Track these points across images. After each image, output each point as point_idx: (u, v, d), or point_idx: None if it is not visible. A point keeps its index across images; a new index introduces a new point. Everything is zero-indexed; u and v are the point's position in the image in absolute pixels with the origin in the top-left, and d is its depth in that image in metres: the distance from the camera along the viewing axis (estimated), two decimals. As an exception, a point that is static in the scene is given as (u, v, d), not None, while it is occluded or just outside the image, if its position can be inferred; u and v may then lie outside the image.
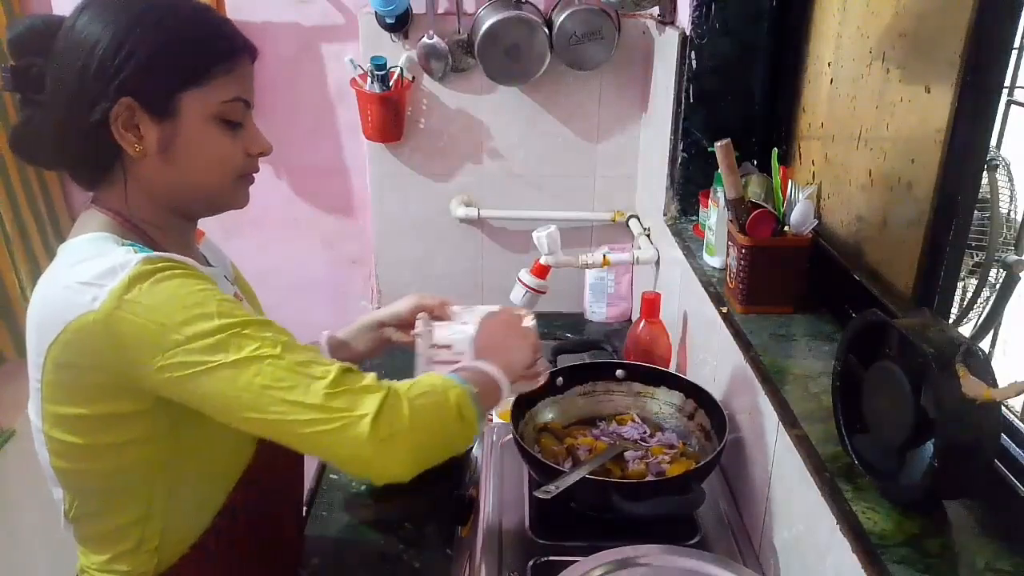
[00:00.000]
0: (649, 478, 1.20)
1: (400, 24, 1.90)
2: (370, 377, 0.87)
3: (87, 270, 0.86)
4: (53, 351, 0.87)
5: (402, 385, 0.89)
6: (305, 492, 1.32)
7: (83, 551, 1.03)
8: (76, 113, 0.88)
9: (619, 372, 1.39)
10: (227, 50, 0.94)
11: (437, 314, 1.23)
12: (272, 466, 1.06)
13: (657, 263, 1.87)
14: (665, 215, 1.77)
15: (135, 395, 0.88)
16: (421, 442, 0.86)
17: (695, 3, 1.57)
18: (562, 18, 1.84)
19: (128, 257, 0.85)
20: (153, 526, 0.98)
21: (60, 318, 0.85)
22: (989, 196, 1.11)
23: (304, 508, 1.34)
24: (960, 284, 1.07)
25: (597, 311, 2.16)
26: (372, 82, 1.90)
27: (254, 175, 1.01)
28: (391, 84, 1.91)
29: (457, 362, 1.08)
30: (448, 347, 1.16)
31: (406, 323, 1.24)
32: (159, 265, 0.85)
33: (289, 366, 0.83)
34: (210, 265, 1.08)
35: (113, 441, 0.92)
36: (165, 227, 0.98)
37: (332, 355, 1.22)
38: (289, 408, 0.82)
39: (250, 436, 0.98)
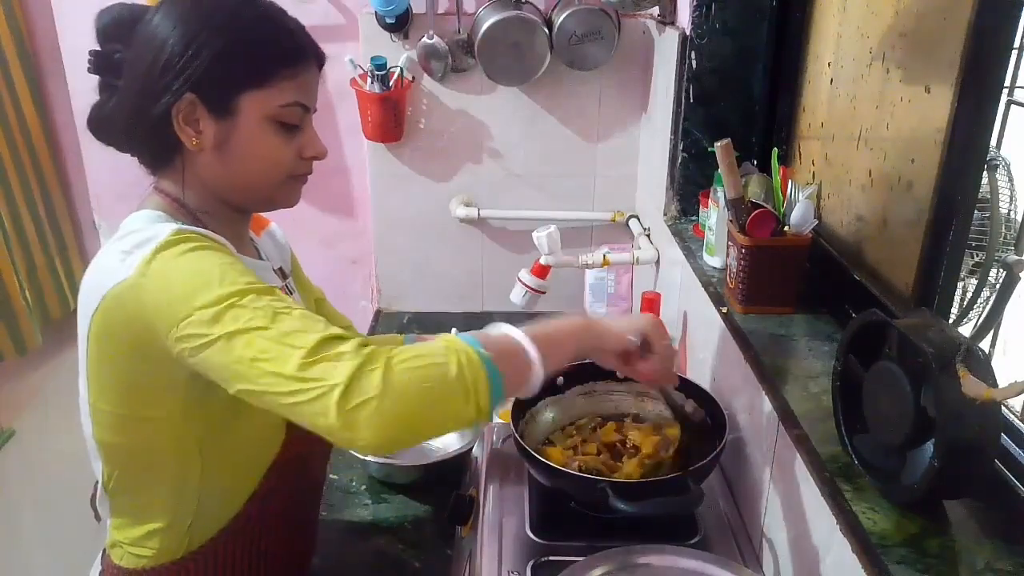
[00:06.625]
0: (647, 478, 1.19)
1: (400, 24, 1.90)
2: (351, 344, 0.80)
3: (130, 241, 0.89)
4: (96, 319, 0.90)
5: (393, 351, 0.82)
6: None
7: (116, 524, 1.05)
8: (143, 104, 0.93)
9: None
10: (292, 54, 0.96)
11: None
12: (302, 454, 1.08)
13: (657, 263, 1.87)
14: (665, 215, 1.77)
15: (165, 366, 0.89)
16: (397, 412, 0.79)
17: (695, 3, 1.57)
18: (562, 18, 1.84)
19: (165, 227, 0.88)
20: (186, 507, 1.00)
21: (102, 286, 0.88)
22: (989, 196, 1.11)
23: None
24: (960, 284, 1.07)
25: (597, 311, 2.16)
26: (372, 82, 1.90)
27: (307, 176, 1.04)
28: (391, 84, 1.91)
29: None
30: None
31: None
32: (187, 236, 0.88)
33: (275, 336, 0.81)
34: (261, 259, 1.11)
35: (150, 415, 0.95)
36: (218, 217, 1.01)
37: None
38: (272, 380, 0.80)
39: (280, 423, 1.00)
